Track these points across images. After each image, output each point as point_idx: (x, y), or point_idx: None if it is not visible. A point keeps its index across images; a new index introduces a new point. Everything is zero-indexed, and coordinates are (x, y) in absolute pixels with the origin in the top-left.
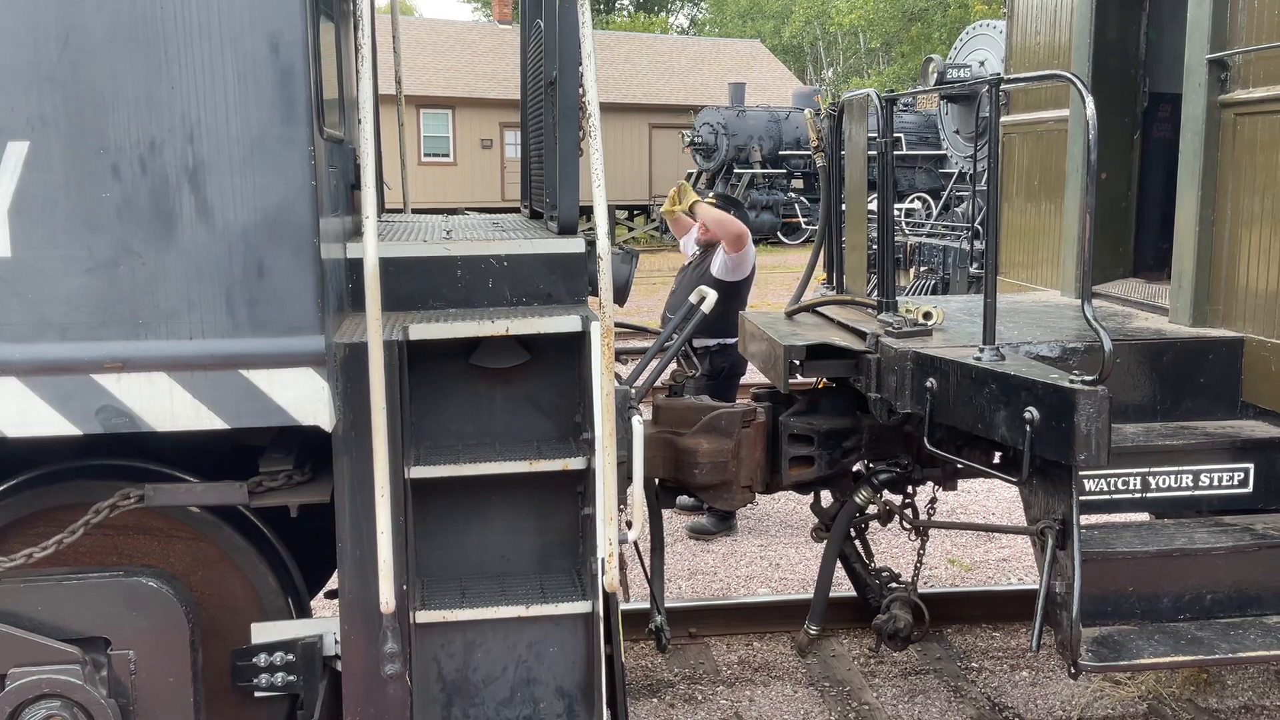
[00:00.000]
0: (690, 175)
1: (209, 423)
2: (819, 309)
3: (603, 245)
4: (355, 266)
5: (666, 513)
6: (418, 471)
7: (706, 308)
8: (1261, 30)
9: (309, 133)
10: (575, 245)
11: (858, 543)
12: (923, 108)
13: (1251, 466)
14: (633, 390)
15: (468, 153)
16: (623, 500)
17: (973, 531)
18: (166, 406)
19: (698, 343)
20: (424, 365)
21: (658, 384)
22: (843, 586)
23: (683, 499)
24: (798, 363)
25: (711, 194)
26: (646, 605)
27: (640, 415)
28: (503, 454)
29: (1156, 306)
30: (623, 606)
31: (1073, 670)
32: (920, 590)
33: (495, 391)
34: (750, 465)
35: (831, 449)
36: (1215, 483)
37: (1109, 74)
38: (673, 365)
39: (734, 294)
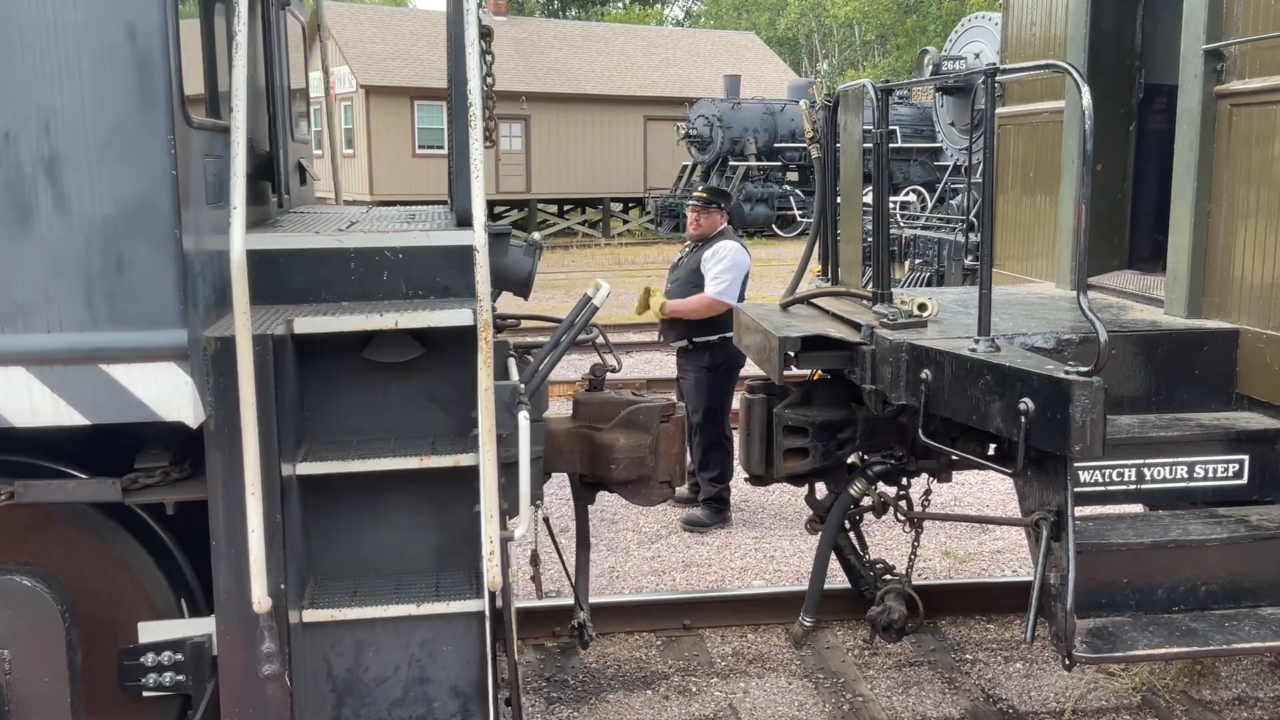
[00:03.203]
0: (685, 168)
1: (69, 418)
2: (814, 301)
3: (479, 238)
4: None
5: (662, 505)
6: (305, 467)
7: (599, 300)
8: (1258, 20)
9: (169, 122)
10: (473, 238)
11: (852, 535)
12: (918, 100)
13: (1246, 458)
14: (522, 386)
15: None
16: (539, 496)
17: (967, 523)
18: (25, 402)
19: (697, 338)
20: (318, 359)
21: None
22: (837, 578)
23: (678, 490)
24: (792, 354)
25: (700, 187)
26: (632, 599)
27: (528, 410)
28: (396, 450)
29: (1152, 298)
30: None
31: (1067, 662)
32: (914, 582)
33: (391, 386)
34: (668, 460)
35: (826, 441)
36: (1210, 474)
37: (1105, 65)
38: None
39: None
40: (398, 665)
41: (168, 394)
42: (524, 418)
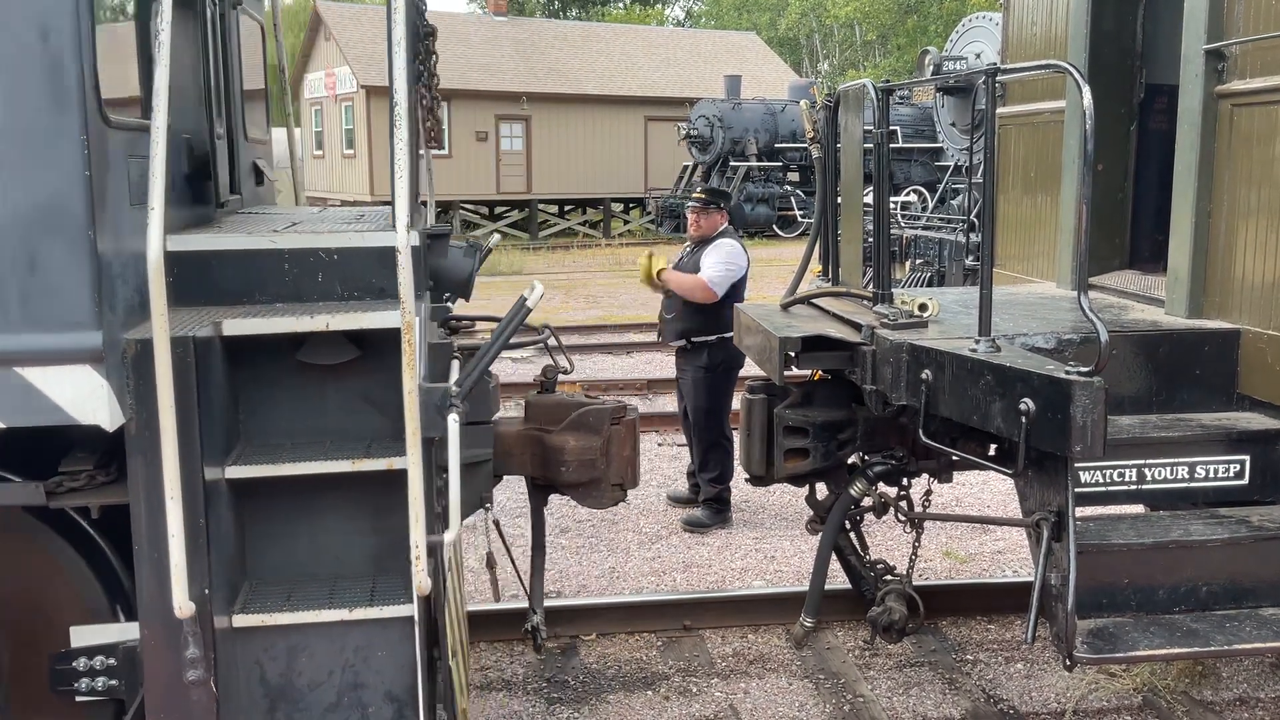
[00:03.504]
0: (686, 169)
1: None
2: (814, 301)
3: (400, 239)
4: (175, 260)
5: (661, 505)
6: (234, 471)
7: (532, 302)
8: (1259, 20)
9: (82, 122)
10: (410, 239)
11: (853, 535)
12: (919, 100)
13: (1247, 458)
14: (454, 388)
15: (463, 145)
16: (488, 502)
17: (968, 524)
18: None
19: (695, 338)
20: (253, 362)
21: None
22: (838, 579)
23: (677, 492)
24: (793, 355)
25: (699, 188)
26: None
27: (459, 413)
28: (330, 453)
29: (1152, 298)
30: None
31: (1068, 662)
32: (915, 583)
33: (328, 389)
34: (619, 463)
35: (826, 441)
36: (1211, 474)
37: (1106, 65)
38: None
39: (728, 291)
40: (332, 670)
41: (83, 397)
42: (454, 421)
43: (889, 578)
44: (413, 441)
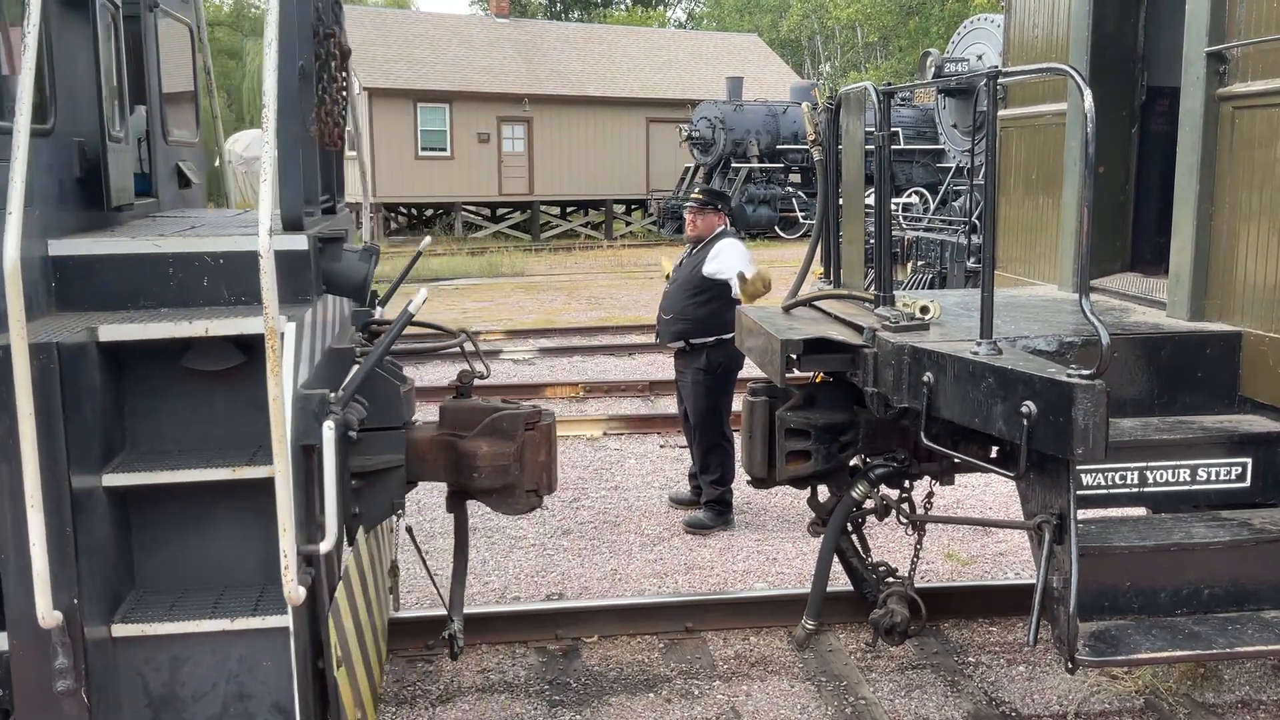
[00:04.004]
0: (688, 170)
1: None
2: (816, 303)
3: (263, 244)
4: (57, 265)
5: (663, 507)
6: (112, 479)
7: (414, 308)
8: (1260, 23)
9: None
10: (297, 242)
11: (854, 537)
12: (920, 102)
13: (1249, 461)
14: (331, 395)
15: (465, 147)
16: (400, 508)
17: (969, 526)
18: None
19: (694, 339)
20: (140, 368)
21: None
22: (839, 581)
23: (678, 494)
24: (794, 357)
25: (697, 189)
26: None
27: (334, 421)
28: (215, 460)
29: (1154, 301)
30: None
31: (1070, 665)
32: (917, 585)
33: (216, 395)
34: (534, 469)
35: (828, 443)
36: (1213, 477)
37: (1107, 67)
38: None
39: (729, 292)
40: (216, 681)
41: None
42: (329, 428)
43: (891, 580)
44: (279, 449)
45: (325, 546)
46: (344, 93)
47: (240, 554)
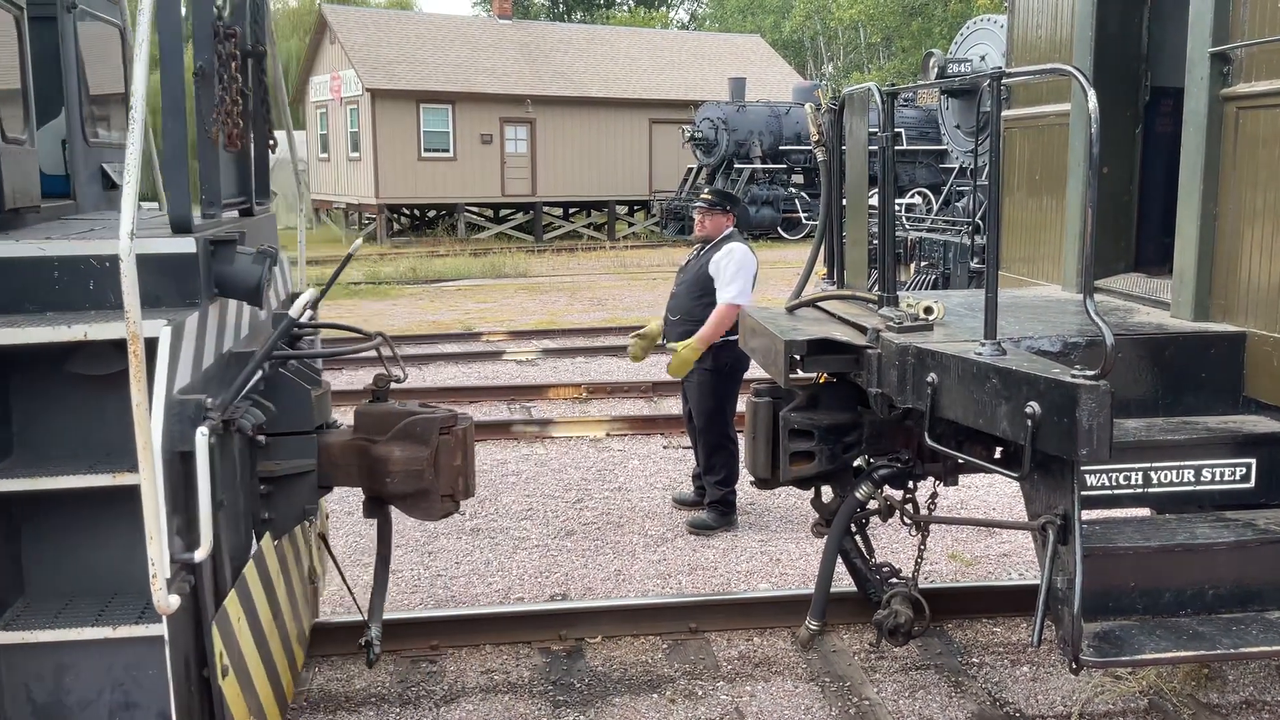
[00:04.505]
0: (690, 171)
1: None
2: (820, 304)
3: (123, 247)
4: None
5: (667, 508)
6: None
7: (294, 313)
8: (1265, 23)
9: None
10: (184, 245)
11: (858, 538)
12: (923, 103)
13: (1253, 462)
14: (208, 400)
15: (468, 148)
16: (312, 514)
17: (974, 527)
18: None
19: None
20: (26, 374)
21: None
22: (843, 582)
23: (682, 494)
24: (798, 358)
25: (707, 189)
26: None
27: (209, 426)
28: (97, 465)
29: (1158, 301)
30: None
31: (1074, 665)
32: (921, 585)
33: (106, 400)
34: (449, 474)
35: (832, 444)
36: (1217, 478)
37: (1111, 68)
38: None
39: None
40: (101, 690)
41: None
42: (202, 434)
43: (895, 580)
44: (144, 455)
45: (201, 554)
46: (244, 94)
47: (130, 560)
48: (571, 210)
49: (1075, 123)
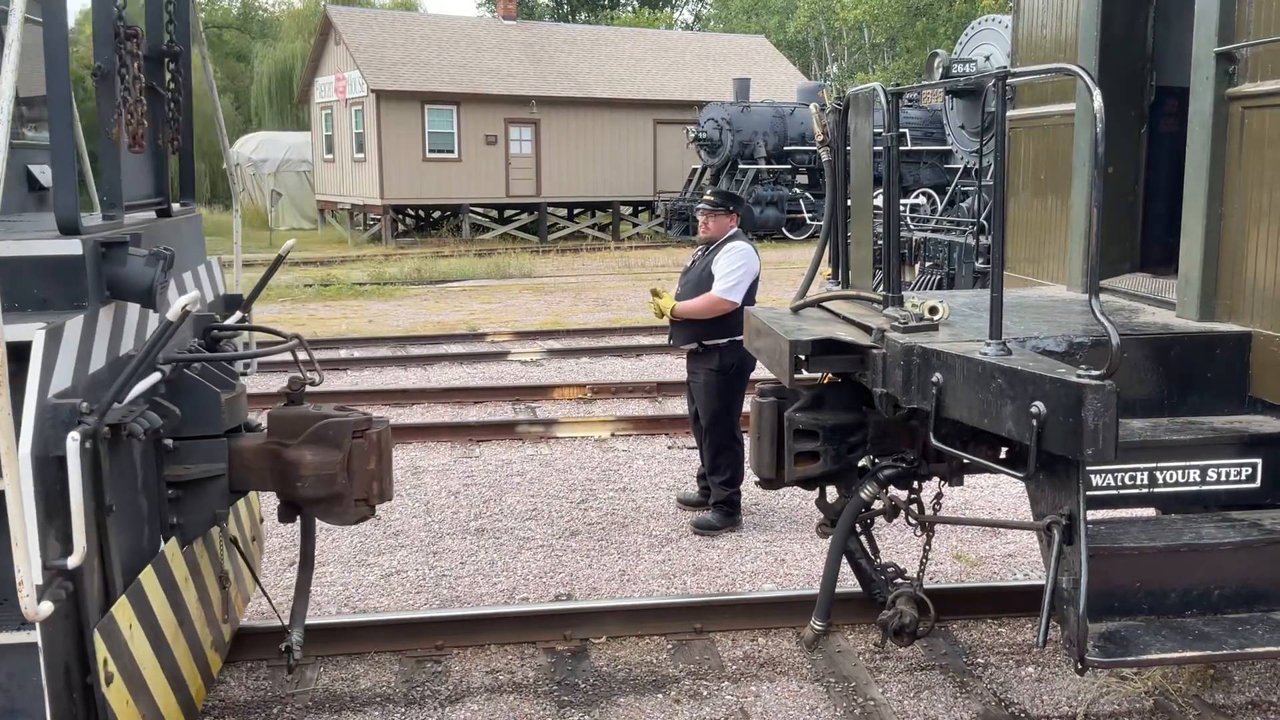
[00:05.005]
0: (695, 172)
1: None
2: (824, 304)
3: None
4: None
5: (672, 508)
6: None
7: (172, 316)
8: (1270, 22)
9: None
10: (70, 247)
11: (863, 538)
12: (928, 103)
13: (1259, 461)
14: (84, 404)
15: (472, 149)
16: (223, 519)
17: (979, 527)
18: None
19: (706, 340)
20: None
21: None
22: (848, 582)
23: (687, 495)
24: (803, 358)
25: (710, 190)
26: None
27: (80, 431)
28: None
29: (1163, 301)
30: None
31: (1079, 666)
32: (926, 586)
33: None
34: (364, 478)
35: (837, 444)
36: (1223, 478)
37: (1116, 67)
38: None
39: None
40: None
41: None
42: (73, 439)
43: (900, 581)
44: (8, 460)
45: (74, 561)
46: (142, 93)
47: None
48: (576, 211)
49: (1080, 122)
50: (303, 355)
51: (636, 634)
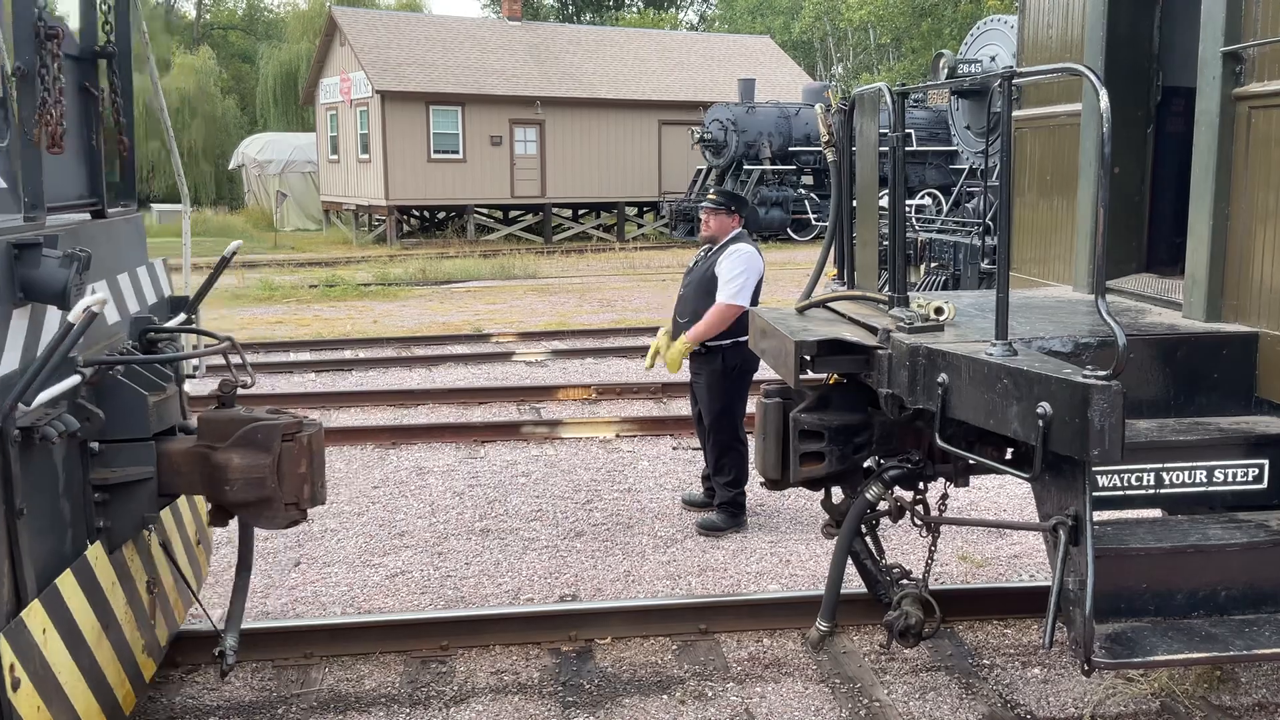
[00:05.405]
0: (700, 172)
1: None
2: (830, 305)
3: None
4: None
5: (676, 509)
6: None
7: (74, 318)
8: (1277, 22)
9: None
10: None
11: (868, 539)
12: (934, 103)
13: (1266, 462)
14: (17, 406)
15: (477, 149)
16: (151, 522)
17: (984, 528)
18: None
19: (709, 341)
20: None
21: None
22: (853, 583)
23: (692, 495)
24: (808, 358)
25: (713, 190)
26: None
27: (14, 433)
28: None
29: (1170, 301)
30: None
31: (1086, 667)
32: (931, 587)
33: None
34: (294, 482)
35: (842, 445)
36: (1229, 479)
37: (1122, 67)
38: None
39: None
40: None
41: None
42: (12, 444)
43: (905, 582)
44: None
45: None
46: (61, 93)
47: None
48: (581, 212)
49: (1087, 122)
50: (235, 359)
51: (641, 635)
